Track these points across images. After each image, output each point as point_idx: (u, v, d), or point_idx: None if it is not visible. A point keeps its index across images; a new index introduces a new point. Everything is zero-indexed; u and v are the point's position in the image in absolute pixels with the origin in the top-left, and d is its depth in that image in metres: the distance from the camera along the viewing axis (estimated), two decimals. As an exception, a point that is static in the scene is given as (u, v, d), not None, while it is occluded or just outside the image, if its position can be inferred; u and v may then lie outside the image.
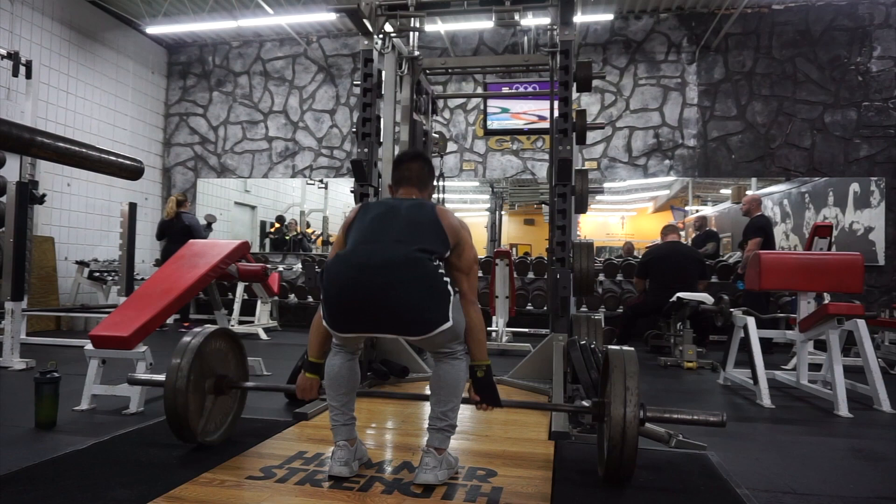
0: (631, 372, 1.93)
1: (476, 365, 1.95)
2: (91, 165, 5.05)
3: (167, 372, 2.16)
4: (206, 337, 2.28)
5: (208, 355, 2.32)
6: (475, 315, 1.93)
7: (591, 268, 3.44)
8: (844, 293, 4.41)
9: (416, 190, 2.11)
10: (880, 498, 2.08)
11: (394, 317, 1.79)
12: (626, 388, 1.90)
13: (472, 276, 1.97)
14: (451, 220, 1.96)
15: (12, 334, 4.27)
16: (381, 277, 1.78)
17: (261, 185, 9.75)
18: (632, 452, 1.87)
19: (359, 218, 2.00)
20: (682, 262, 5.56)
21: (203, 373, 2.28)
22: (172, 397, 2.14)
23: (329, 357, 2.02)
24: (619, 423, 1.85)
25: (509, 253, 6.23)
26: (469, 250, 1.98)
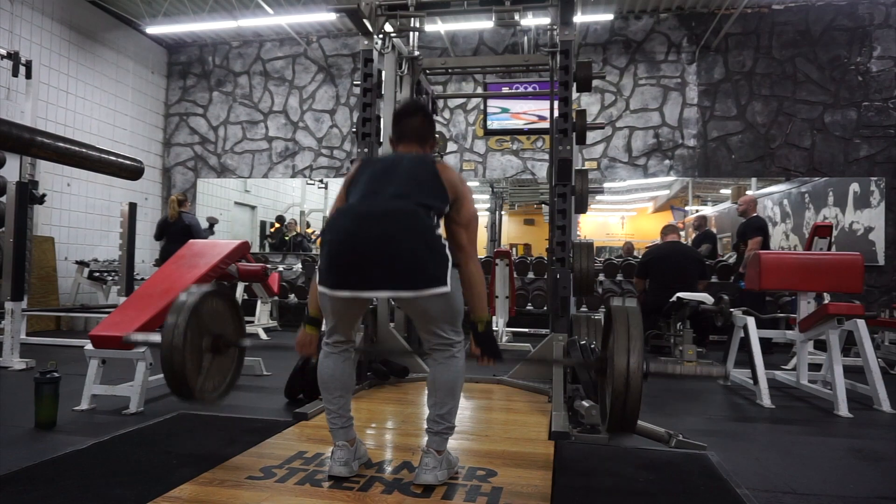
0: (634, 325, 1.91)
1: (476, 320, 1.94)
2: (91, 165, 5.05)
3: (163, 329, 2.12)
4: (202, 295, 2.25)
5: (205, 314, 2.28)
6: (474, 269, 1.91)
7: (591, 268, 3.44)
8: (844, 293, 4.41)
9: (417, 144, 2.08)
10: (880, 498, 2.08)
11: (390, 268, 1.76)
12: (629, 339, 1.88)
13: (471, 230, 1.96)
14: (451, 175, 1.95)
15: (12, 334, 4.27)
16: (379, 228, 1.77)
17: (261, 185, 9.75)
18: (635, 403, 1.84)
19: (359, 173, 1.99)
20: (682, 262, 5.56)
21: (200, 331, 2.24)
22: (170, 354, 2.09)
23: (321, 359, 1.99)
24: (622, 374, 1.83)
25: (509, 253, 6.23)
26: (468, 204, 1.95)
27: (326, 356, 1.99)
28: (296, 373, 3.30)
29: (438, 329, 1.88)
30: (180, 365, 2.10)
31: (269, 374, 4.08)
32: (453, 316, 1.89)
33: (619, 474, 2.10)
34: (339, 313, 1.93)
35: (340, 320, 1.96)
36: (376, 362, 3.56)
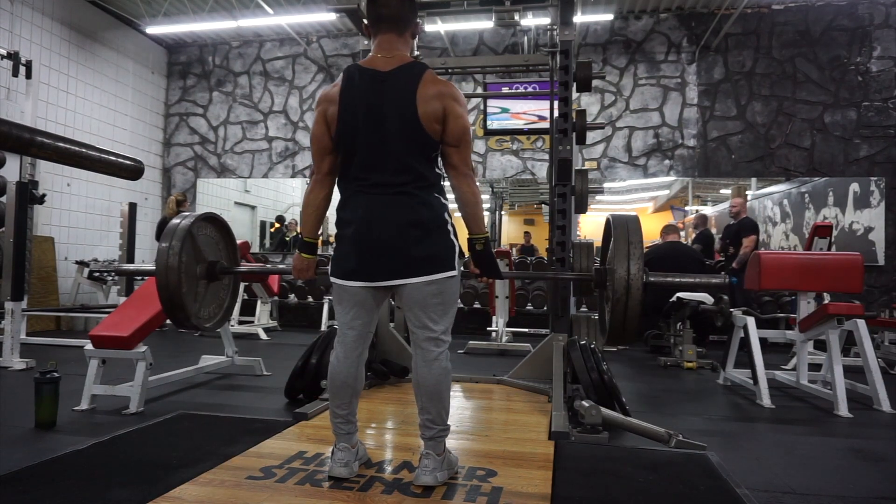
0: (634, 232, 1.88)
1: (474, 238, 1.92)
2: (91, 165, 5.05)
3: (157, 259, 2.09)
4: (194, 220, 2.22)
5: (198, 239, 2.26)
6: (469, 188, 1.86)
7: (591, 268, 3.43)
8: (844, 293, 4.41)
9: (395, 34, 1.88)
10: (880, 498, 2.08)
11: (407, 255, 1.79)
12: (629, 247, 1.85)
13: (462, 148, 1.85)
14: (432, 104, 1.79)
15: (12, 334, 4.27)
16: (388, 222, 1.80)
17: (261, 185, 9.75)
18: (635, 316, 1.81)
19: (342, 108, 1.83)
20: (682, 262, 5.56)
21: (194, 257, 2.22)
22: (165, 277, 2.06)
23: (332, 363, 1.94)
24: (622, 281, 1.81)
25: (509, 253, 6.23)
26: (454, 120, 1.81)
27: (342, 360, 1.92)
28: (296, 373, 3.30)
29: (430, 321, 1.85)
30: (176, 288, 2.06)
31: (269, 374, 4.08)
32: (447, 307, 1.87)
33: (619, 474, 2.09)
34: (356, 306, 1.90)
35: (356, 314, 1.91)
36: (376, 362, 3.56)
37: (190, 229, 2.15)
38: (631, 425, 2.52)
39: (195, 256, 2.21)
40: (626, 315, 1.79)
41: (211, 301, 2.31)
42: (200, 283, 2.24)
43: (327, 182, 1.96)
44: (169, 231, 2.13)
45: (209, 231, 2.32)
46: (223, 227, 2.42)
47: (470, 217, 1.88)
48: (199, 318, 2.20)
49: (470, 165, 1.89)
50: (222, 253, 2.39)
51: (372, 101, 1.82)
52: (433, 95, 1.80)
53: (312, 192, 1.96)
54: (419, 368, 1.87)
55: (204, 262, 2.26)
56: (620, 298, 1.78)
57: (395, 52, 1.87)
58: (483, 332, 6.40)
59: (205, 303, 2.25)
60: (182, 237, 2.10)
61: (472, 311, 7.19)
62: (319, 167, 1.94)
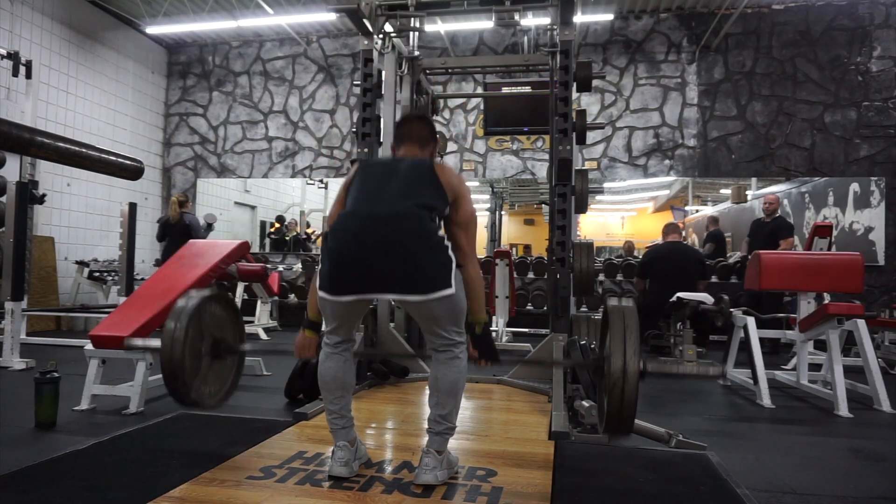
0: (630, 324, 1.91)
1: (474, 321, 1.94)
2: (91, 165, 5.05)
3: (163, 334, 2.12)
4: (202, 299, 2.25)
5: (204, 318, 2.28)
6: (473, 270, 1.92)
7: (591, 268, 3.44)
8: (844, 293, 4.41)
9: (417, 147, 2.09)
10: (880, 498, 2.07)
11: (395, 271, 1.77)
12: (625, 341, 1.88)
13: (470, 231, 1.97)
14: (450, 176, 1.96)
15: (12, 334, 4.27)
16: (384, 232, 1.78)
17: (261, 185, 9.75)
18: (631, 405, 1.84)
19: (359, 176, 1.99)
20: (682, 262, 5.56)
21: (200, 335, 2.24)
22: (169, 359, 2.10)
23: (321, 360, 1.98)
24: (618, 376, 1.83)
25: (509, 253, 6.23)
26: (467, 205, 1.97)
27: (327, 357, 1.98)
28: (296, 373, 3.30)
29: (442, 330, 1.89)
30: (179, 369, 2.10)
31: (269, 374, 4.08)
32: (457, 316, 1.89)
33: (619, 474, 2.10)
34: (340, 316, 1.93)
35: (342, 323, 1.96)
36: (376, 362, 3.56)
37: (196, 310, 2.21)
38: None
39: (200, 335, 2.25)
40: (623, 407, 1.83)
41: (215, 379, 2.35)
42: (205, 362, 2.29)
43: None
44: (176, 312, 2.18)
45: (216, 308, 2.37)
46: (230, 303, 2.46)
47: (473, 299, 1.93)
48: (202, 395, 2.25)
49: (475, 249, 1.98)
50: (228, 329, 2.43)
51: (390, 165, 2.00)
52: (450, 179, 1.96)
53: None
54: (439, 367, 1.92)
55: (209, 341, 2.31)
56: (616, 394, 1.82)
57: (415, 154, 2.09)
58: (483, 332, 6.39)
59: (208, 380, 2.30)
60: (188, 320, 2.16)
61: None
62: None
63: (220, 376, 2.40)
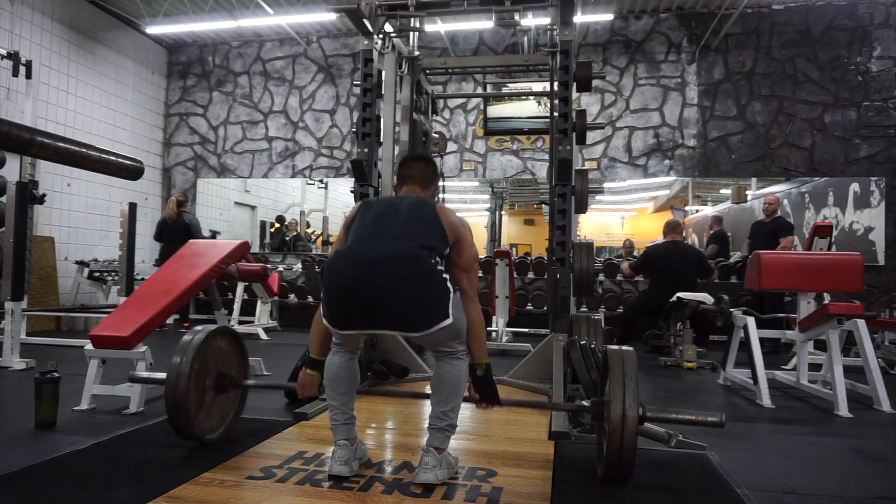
0: (630, 371, 1.93)
1: (476, 364, 1.96)
2: (91, 165, 5.05)
3: (169, 368, 2.16)
4: (208, 335, 2.28)
5: (210, 353, 2.32)
6: (475, 313, 1.94)
7: (591, 268, 3.44)
8: (844, 293, 4.41)
9: (419, 188, 2.14)
10: (880, 498, 2.08)
11: (394, 313, 1.80)
12: (624, 387, 1.89)
13: (472, 274, 1.99)
14: (452, 217, 1.98)
15: (12, 334, 4.26)
16: (382, 272, 1.79)
17: (261, 185, 9.75)
18: (630, 452, 1.86)
19: (360, 215, 2.02)
20: (682, 261, 5.56)
21: (204, 370, 2.28)
22: (173, 394, 2.13)
23: (329, 356, 2.02)
24: (617, 423, 1.85)
25: (509, 253, 6.23)
26: (469, 248, 1.98)
27: (334, 354, 2.02)
28: (296, 373, 3.30)
29: (445, 346, 1.93)
30: (184, 405, 2.14)
31: (269, 374, 4.07)
32: (457, 335, 1.91)
33: (619, 474, 2.09)
34: (345, 338, 1.98)
35: (347, 342, 2.01)
36: (376, 362, 3.56)
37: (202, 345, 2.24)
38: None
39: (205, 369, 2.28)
40: (622, 451, 1.85)
41: (218, 412, 2.37)
42: (209, 395, 2.31)
43: None
44: (181, 346, 2.22)
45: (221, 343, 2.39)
46: (235, 338, 2.49)
47: (476, 341, 1.94)
48: (205, 430, 2.28)
49: (476, 291, 2.00)
50: (232, 363, 2.46)
51: (393, 202, 2.03)
52: (451, 219, 1.98)
53: (320, 316, 1.97)
54: (440, 365, 1.94)
55: (214, 375, 2.34)
56: (615, 444, 1.84)
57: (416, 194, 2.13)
58: (483, 332, 6.39)
59: (211, 414, 2.33)
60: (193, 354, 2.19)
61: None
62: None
63: (223, 409, 2.43)
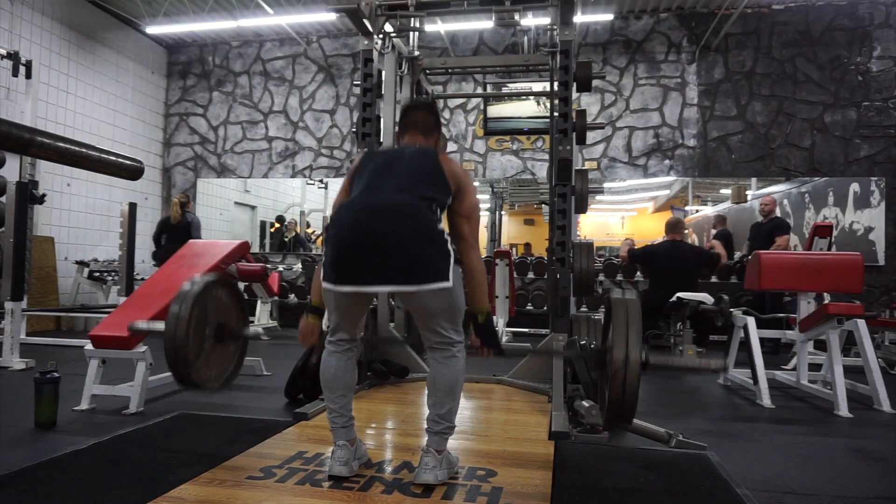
0: (633, 317, 1.91)
1: (476, 311, 1.94)
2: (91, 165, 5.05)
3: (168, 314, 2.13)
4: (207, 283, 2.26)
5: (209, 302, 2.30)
6: (475, 260, 1.93)
7: (591, 268, 3.44)
8: (844, 293, 4.40)
9: (421, 136, 2.10)
10: (880, 498, 2.08)
11: (394, 263, 1.77)
12: (627, 331, 1.88)
13: (472, 221, 1.97)
14: (454, 166, 1.98)
15: (12, 334, 4.27)
16: (382, 222, 1.79)
17: (261, 185, 9.74)
18: (633, 395, 1.84)
19: (363, 165, 2.01)
20: (682, 261, 5.55)
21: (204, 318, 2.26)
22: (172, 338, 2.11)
23: (324, 358, 1.99)
24: (620, 365, 1.83)
25: (509, 253, 6.23)
26: (470, 196, 1.97)
27: (329, 355, 1.99)
28: (296, 373, 3.30)
29: (439, 327, 1.88)
30: (183, 350, 2.11)
31: (269, 374, 4.08)
32: (454, 313, 1.88)
33: (619, 474, 2.10)
34: (342, 310, 1.93)
35: (344, 317, 1.95)
36: (376, 362, 3.56)
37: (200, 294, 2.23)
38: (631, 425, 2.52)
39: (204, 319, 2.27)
40: (625, 395, 1.83)
41: (218, 362, 2.36)
42: (208, 345, 2.30)
43: None
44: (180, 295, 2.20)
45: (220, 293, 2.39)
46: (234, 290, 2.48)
47: (475, 289, 1.94)
48: (206, 379, 2.26)
49: (477, 239, 1.99)
50: (232, 314, 2.45)
51: (394, 153, 2.01)
52: (453, 169, 1.96)
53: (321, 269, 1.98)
54: (437, 366, 1.92)
55: (213, 325, 2.33)
56: (618, 386, 1.82)
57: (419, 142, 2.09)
58: (483, 332, 6.38)
59: (211, 364, 2.31)
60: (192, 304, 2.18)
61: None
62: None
63: (223, 361, 2.40)
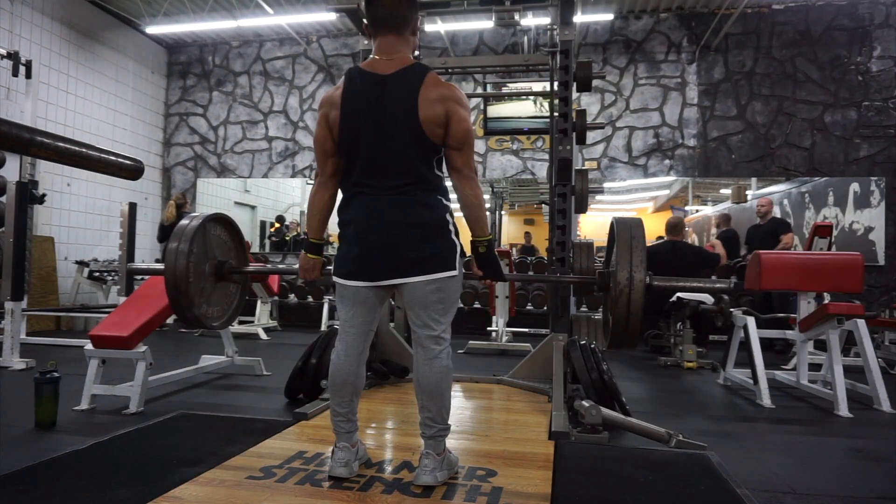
0: (637, 237, 1.89)
1: (477, 240, 1.92)
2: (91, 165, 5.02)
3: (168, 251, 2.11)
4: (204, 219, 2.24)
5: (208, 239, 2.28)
6: (472, 190, 1.86)
7: (591, 268, 3.43)
8: (844, 293, 4.40)
9: (395, 35, 1.86)
10: (880, 498, 2.07)
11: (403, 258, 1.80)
12: (631, 252, 1.86)
13: (465, 151, 1.85)
14: (434, 107, 1.79)
15: (12, 334, 4.27)
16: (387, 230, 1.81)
17: (261, 185, 9.75)
18: (637, 316, 1.82)
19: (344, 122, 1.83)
20: (683, 262, 5.55)
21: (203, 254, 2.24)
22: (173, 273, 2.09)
23: (333, 363, 1.95)
24: (625, 285, 1.82)
25: (509, 253, 6.23)
26: (458, 124, 1.82)
27: (339, 360, 1.93)
28: (296, 373, 3.30)
29: (431, 320, 1.85)
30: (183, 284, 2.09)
31: (269, 374, 4.08)
32: (448, 306, 1.87)
33: (619, 474, 2.09)
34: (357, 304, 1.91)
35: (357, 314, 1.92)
36: (376, 362, 3.56)
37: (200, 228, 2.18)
38: (631, 425, 2.52)
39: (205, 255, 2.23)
40: (629, 318, 1.79)
41: (219, 301, 2.33)
42: (208, 282, 2.26)
43: (331, 184, 1.96)
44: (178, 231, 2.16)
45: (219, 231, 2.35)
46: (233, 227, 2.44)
47: (473, 219, 1.89)
48: (207, 316, 2.22)
49: (472, 167, 1.89)
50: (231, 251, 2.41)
51: (374, 105, 1.82)
52: (435, 98, 1.79)
53: (317, 195, 1.96)
54: (420, 366, 1.88)
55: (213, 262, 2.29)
56: (623, 301, 1.78)
57: (395, 54, 1.86)
58: (483, 332, 6.40)
59: (212, 302, 2.28)
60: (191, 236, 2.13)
61: (472, 311, 7.19)
62: (323, 170, 1.95)
63: (224, 299, 2.39)
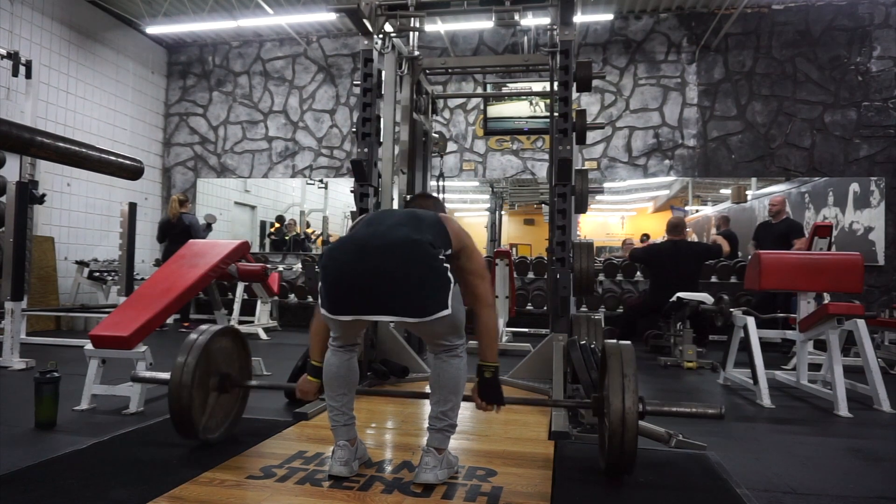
0: (629, 365, 1.93)
1: (484, 365, 1.94)
2: (91, 165, 5.05)
3: (173, 369, 2.15)
4: (212, 335, 2.28)
5: (214, 353, 2.32)
6: (488, 318, 1.94)
7: (591, 268, 3.44)
8: (844, 293, 4.40)
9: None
10: (880, 498, 2.07)
11: (393, 296, 1.77)
12: (623, 380, 1.90)
13: (486, 279, 2.00)
14: (454, 225, 1.99)
15: (12, 334, 4.26)
16: (382, 254, 1.79)
17: (261, 185, 9.75)
18: (632, 445, 1.86)
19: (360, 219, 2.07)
20: (683, 261, 5.56)
21: (208, 370, 2.28)
22: (177, 394, 2.13)
23: (326, 356, 2.01)
24: (618, 416, 1.85)
25: (509, 253, 6.23)
26: (477, 254, 2.01)
27: (332, 354, 2.00)
28: (296, 373, 3.30)
29: (443, 340, 1.93)
30: (187, 405, 2.14)
31: (269, 374, 4.07)
32: (456, 328, 1.92)
33: (619, 474, 2.09)
34: (342, 328, 1.95)
35: (344, 333, 1.98)
36: (376, 362, 3.56)
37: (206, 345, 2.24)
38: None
39: (208, 370, 2.28)
40: (623, 449, 1.87)
41: (220, 412, 2.37)
42: (211, 396, 2.32)
43: None
44: (186, 346, 2.22)
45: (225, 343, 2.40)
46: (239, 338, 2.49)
47: (486, 344, 1.94)
48: (207, 429, 2.29)
49: (492, 295, 2.03)
50: (235, 363, 2.46)
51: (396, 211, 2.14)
52: (455, 228, 1.97)
53: (318, 321, 2.00)
54: (438, 364, 1.94)
55: (217, 375, 2.34)
56: (616, 437, 1.85)
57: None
58: (483, 332, 6.38)
59: (213, 414, 2.33)
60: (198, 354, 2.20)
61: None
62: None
63: (225, 409, 2.43)
